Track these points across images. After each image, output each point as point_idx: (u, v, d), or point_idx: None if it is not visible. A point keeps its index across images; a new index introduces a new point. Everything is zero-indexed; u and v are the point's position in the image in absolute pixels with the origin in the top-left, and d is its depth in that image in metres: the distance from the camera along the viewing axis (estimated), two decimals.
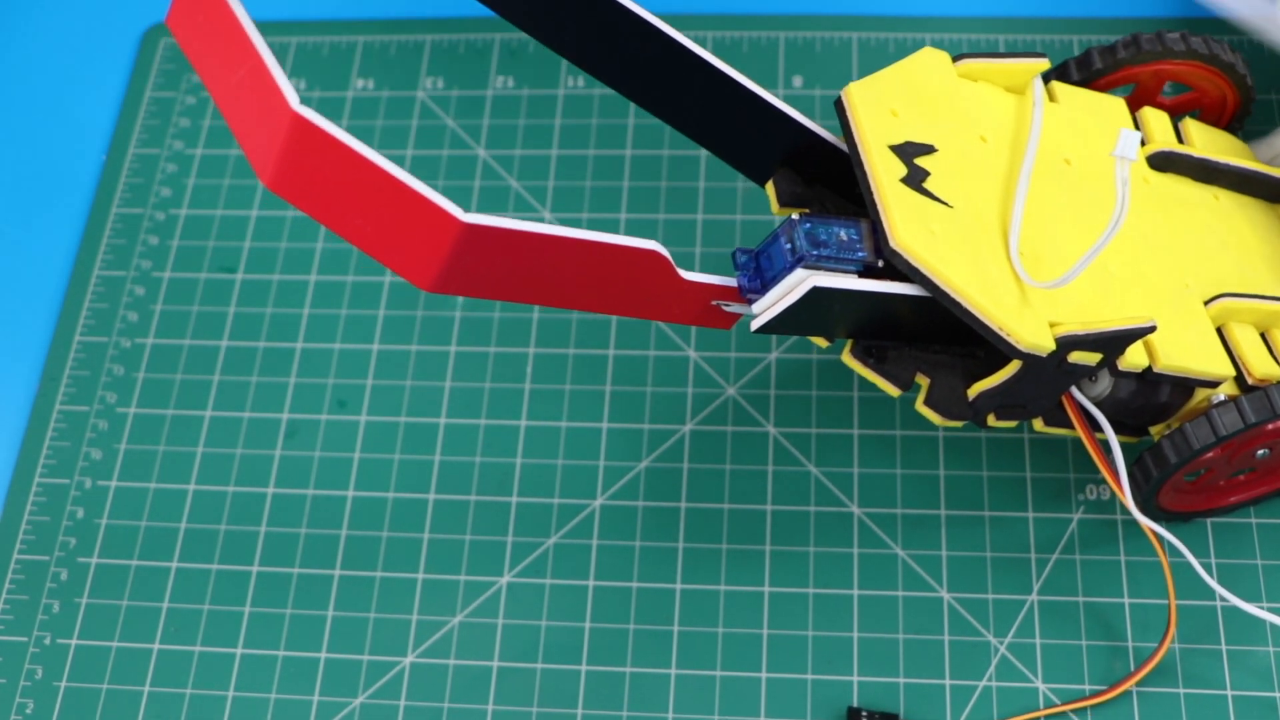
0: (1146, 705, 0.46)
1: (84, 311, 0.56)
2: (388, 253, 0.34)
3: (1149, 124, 0.47)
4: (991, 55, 0.44)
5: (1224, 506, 0.48)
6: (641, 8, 0.41)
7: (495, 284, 0.36)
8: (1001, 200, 0.41)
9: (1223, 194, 0.47)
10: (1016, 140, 0.43)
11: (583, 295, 0.37)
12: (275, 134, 0.32)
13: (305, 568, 0.50)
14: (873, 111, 0.41)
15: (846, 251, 0.38)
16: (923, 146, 0.41)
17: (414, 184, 0.33)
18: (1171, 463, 0.43)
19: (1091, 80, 0.47)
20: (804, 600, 0.48)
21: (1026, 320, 0.39)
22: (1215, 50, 0.47)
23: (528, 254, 0.35)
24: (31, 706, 0.48)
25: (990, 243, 0.40)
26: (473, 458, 0.51)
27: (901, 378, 0.41)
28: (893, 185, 0.39)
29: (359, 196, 0.33)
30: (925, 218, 0.39)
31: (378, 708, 0.47)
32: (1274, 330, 0.44)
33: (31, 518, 0.52)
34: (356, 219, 0.34)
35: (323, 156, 0.32)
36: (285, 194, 0.33)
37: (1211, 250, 0.45)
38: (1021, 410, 0.43)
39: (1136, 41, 0.47)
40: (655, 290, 0.38)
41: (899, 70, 0.43)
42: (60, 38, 0.63)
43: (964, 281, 0.38)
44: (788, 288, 0.38)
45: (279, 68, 0.33)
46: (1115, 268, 0.42)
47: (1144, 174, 0.45)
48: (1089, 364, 0.40)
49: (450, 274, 0.34)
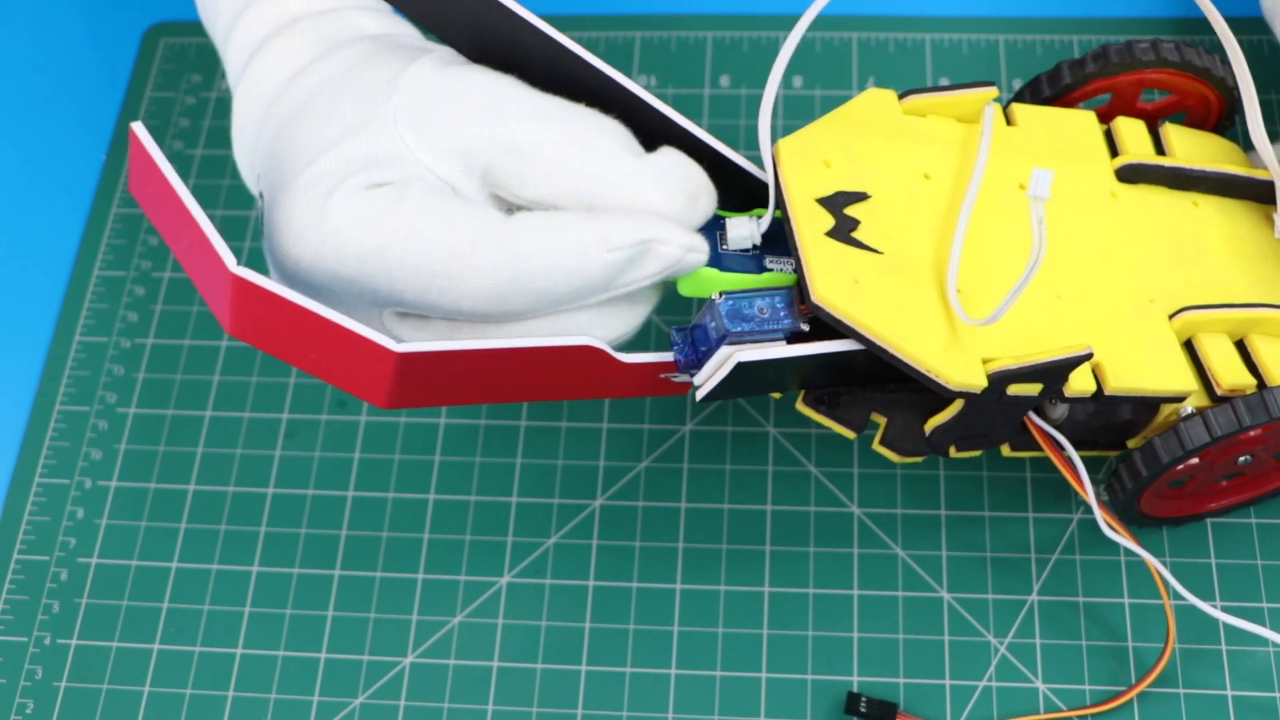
0: (1147, 707, 0.46)
1: (84, 311, 0.56)
2: (342, 380, 0.38)
3: (1122, 134, 0.46)
4: (936, 89, 0.44)
5: (1211, 512, 0.48)
6: (571, 41, 0.41)
7: (447, 393, 0.39)
8: (940, 238, 0.42)
9: (1203, 200, 0.46)
10: (962, 173, 0.43)
11: (535, 390, 0.40)
12: (223, 291, 0.36)
13: (305, 568, 0.50)
14: (802, 165, 0.41)
15: (770, 323, 0.40)
16: (854, 195, 0.41)
17: (347, 324, 0.36)
18: (1144, 475, 0.43)
19: (1065, 94, 0.47)
20: (804, 600, 0.48)
21: (955, 360, 0.39)
22: (1188, 56, 0.46)
23: (468, 367, 0.38)
24: (31, 706, 0.48)
25: (922, 284, 0.40)
26: (473, 458, 0.52)
27: (855, 421, 0.42)
28: (815, 239, 0.40)
29: (304, 337, 0.37)
30: (851, 268, 0.40)
31: (378, 708, 0.47)
32: (1252, 336, 0.44)
33: (31, 518, 0.52)
34: (309, 355, 0.37)
35: (265, 308, 0.36)
36: (244, 339, 0.37)
37: (1184, 260, 0.45)
38: (983, 440, 0.43)
39: (1105, 54, 0.46)
40: (601, 376, 0.40)
41: (838, 116, 0.43)
42: (60, 38, 0.63)
43: (887, 328, 0.39)
44: (717, 364, 0.39)
45: (215, 233, 0.36)
46: (1067, 291, 0.42)
47: (1111, 188, 0.45)
48: (1031, 394, 0.41)
49: (400, 393, 0.37)
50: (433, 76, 0.40)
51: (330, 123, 0.40)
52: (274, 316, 0.36)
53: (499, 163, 0.39)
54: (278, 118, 0.41)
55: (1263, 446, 0.44)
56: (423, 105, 0.40)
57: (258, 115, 0.42)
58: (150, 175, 0.38)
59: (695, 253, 0.39)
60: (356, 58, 0.41)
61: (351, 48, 0.42)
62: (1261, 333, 0.44)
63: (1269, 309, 0.44)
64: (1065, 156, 0.45)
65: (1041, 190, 0.37)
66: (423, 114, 0.40)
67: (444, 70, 0.41)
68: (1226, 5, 0.52)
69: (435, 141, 0.39)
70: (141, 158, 0.38)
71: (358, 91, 0.40)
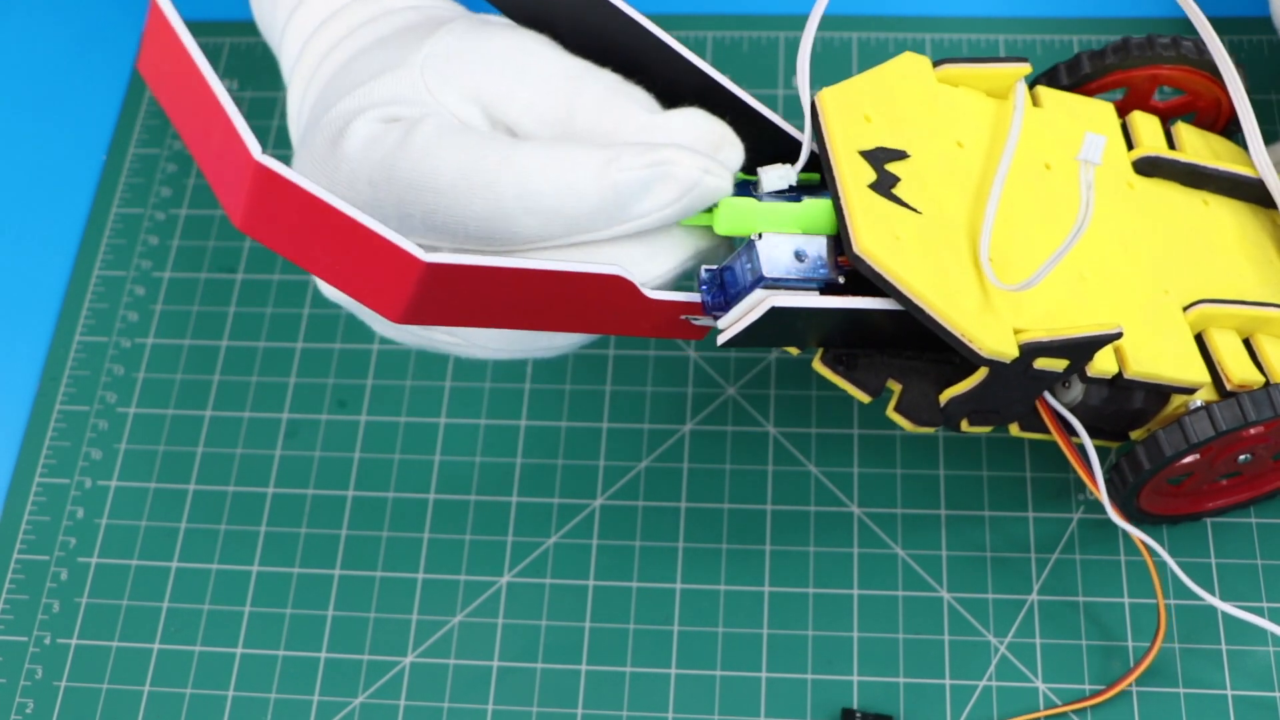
0: (1146, 706, 0.46)
1: (84, 311, 0.56)
2: (357, 288, 0.36)
3: (1138, 128, 0.46)
4: (972, 60, 0.44)
5: (1209, 511, 0.48)
6: (633, 9, 0.41)
7: (464, 313, 0.37)
8: (974, 206, 0.41)
9: (1213, 199, 0.46)
10: (994, 146, 0.43)
11: (551, 318, 0.38)
12: (241, 180, 0.34)
13: (305, 568, 0.50)
14: (845, 116, 0.41)
15: (809, 271, 0.39)
16: (895, 152, 0.41)
17: (377, 228, 0.34)
18: (1146, 468, 0.43)
19: (1081, 85, 0.47)
20: (804, 600, 0.48)
21: (990, 326, 0.39)
22: (1206, 55, 0.47)
23: (492, 286, 0.36)
24: (31, 706, 0.48)
25: (958, 249, 0.40)
26: (473, 458, 0.52)
27: (871, 384, 0.42)
28: (859, 190, 0.39)
29: (323, 237, 0.34)
30: (891, 223, 0.39)
31: (378, 708, 0.47)
32: (1259, 335, 0.44)
33: (31, 518, 0.52)
34: (324, 258, 0.35)
35: (285, 202, 0.34)
36: (256, 235, 0.35)
37: (1196, 255, 0.45)
38: (995, 416, 0.43)
39: (1126, 46, 0.46)
40: (622, 310, 0.39)
41: (876, 75, 0.43)
42: (61, 37, 0.63)
43: (927, 287, 0.38)
44: (748, 307, 0.38)
45: (240, 116, 0.34)
46: (1090, 273, 0.42)
47: (1128, 179, 0.45)
48: (1056, 370, 0.40)
49: (418, 307, 0.35)
50: (464, 31, 0.41)
51: (359, 74, 0.40)
52: (295, 213, 0.34)
53: (517, 120, 0.40)
54: (321, 78, 0.42)
55: (1264, 445, 0.44)
56: (449, 58, 0.40)
57: (302, 94, 0.43)
58: (169, 51, 0.35)
59: (713, 175, 0.38)
60: (400, 22, 0.42)
61: (397, 16, 0.42)
62: (1268, 333, 0.44)
63: (1277, 309, 0.44)
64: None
65: (1094, 155, 0.36)
66: (448, 66, 0.40)
67: (475, 27, 0.41)
68: (1234, 5, 0.52)
69: (459, 91, 0.40)
70: (161, 30, 0.36)
71: (390, 46, 0.41)
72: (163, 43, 0.36)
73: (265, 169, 0.33)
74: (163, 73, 0.36)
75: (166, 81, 0.36)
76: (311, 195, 0.33)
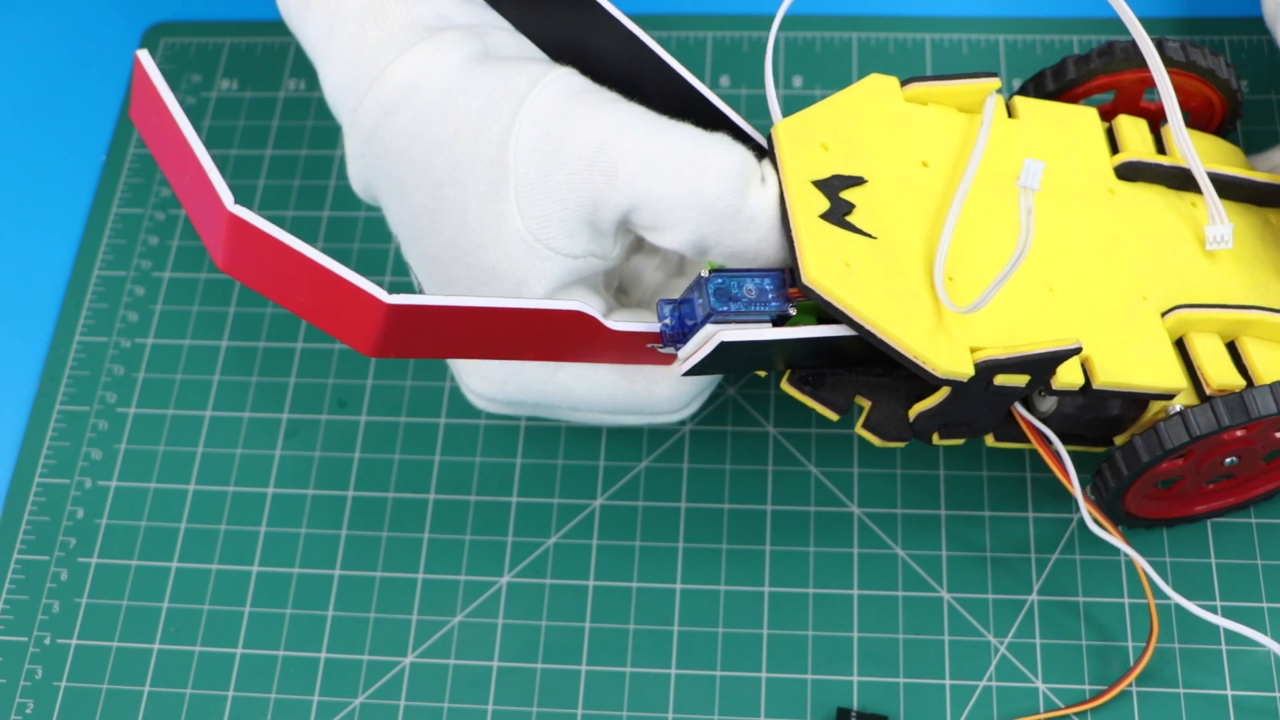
0: (1146, 706, 0.46)
1: (84, 311, 0.56)
2: (330, 325, 0.38)
3: (1124, 132, 0.46)
4: (940, 77, 0.44)
5: (1201, 514, 0.47)
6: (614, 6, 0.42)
7: (434, 346, 0.39)
8: (934, 226, 0.42)
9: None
10: (960, 162, 0.43)
11: (519, 350, 0.40)
12: (218, 227, 0.37)
13: (305, 568, 0.50)
14: (799, 148, 0.41)
15: (758, 304, 0.40)
16: (851, 179, 0.41)
17: (339, 270, 0.36)
18: (1124, 474, 0.43)
19: (1068, 89, 0.47)
20: (804, 600, 0.48)
21: (943, 347, 0.39)
22: (1193, 56, 0.46)
23: (457, 324, 0.38)
24: (31, 706, 0.48)
25: (913, 271, 0.40)
26: (473, 458, 0.52)
27: (838, 403, 0.43)
28: (809, 221, 0.40)
29: (295, 280, 0.37)
30: (843, 251, 0.40)
31: (378, 708, 0.47)
32: (1243, 338, 0.44)
33: (31, 518, 0.52)
34: (298, 297, 0.37)
35: (258, 247, 0.36)
36: (237, 276, 0.37)
37: (1179, 260, 0.45)
38: (967, 429, 0.43)
39: (1111, 50, 0.46)
40: (588, 341, 0.40)
41: (838, 100, 0.43)
42: (60, 38, 0.63)
43: (877, 312, 0.39)
44: (700, 341, 0.40)
45: (215, 169, 0.36)
46: (1059, 284, 0.42)
47: (1110, 185, 0.45)
48: (1019, 385, 0.41)
49: (387, 342, 0.37)
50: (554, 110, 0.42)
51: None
52: (266, 256, 0.36)
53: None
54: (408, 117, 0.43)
55: (1249, 448, 0.44)
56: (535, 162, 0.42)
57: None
58: (153, 105, 0.38)
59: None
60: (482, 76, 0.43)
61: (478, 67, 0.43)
62: (1253, 335, 0.44)
63: (1261, 311, 0.43)
64: (1065, 151, 0.45)
65: (1032, 181, 0.36)
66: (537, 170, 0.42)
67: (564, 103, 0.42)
68: (1230, 5, 0.52)
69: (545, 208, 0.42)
70: (145, 87, 0.38)
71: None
72: (146, 95, 0.38)
73: (237, 219, 0.36)
74: (150, 123, 0.39)
75: (154, 131, 0.39)
76: (280, 242, 0.36)
